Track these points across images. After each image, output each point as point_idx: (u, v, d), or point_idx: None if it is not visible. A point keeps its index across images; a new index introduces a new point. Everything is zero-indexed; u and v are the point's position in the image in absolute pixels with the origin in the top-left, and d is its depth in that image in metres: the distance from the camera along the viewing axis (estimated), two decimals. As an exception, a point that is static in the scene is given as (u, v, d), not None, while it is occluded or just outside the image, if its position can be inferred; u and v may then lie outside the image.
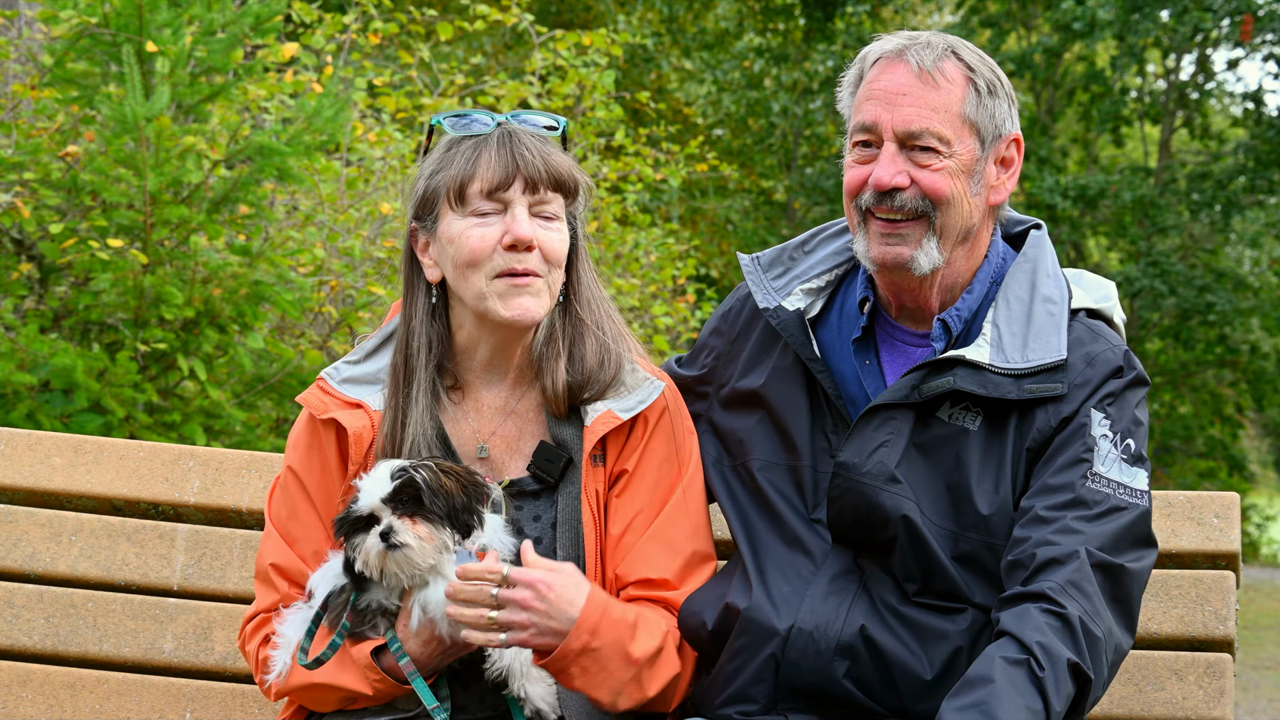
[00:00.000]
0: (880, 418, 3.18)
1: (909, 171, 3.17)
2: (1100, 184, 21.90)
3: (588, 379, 3.27)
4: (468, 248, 3.17)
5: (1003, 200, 3.28)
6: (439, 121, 3.26)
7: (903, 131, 3.17)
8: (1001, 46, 23.15)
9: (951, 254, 3.22)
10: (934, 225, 3.18)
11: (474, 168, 3.17)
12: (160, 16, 6.64)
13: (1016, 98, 3.30)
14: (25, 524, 3.82)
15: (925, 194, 3.16)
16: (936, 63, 3.17)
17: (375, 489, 3.05)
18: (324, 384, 3.31)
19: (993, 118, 3.20)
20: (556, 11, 20.95)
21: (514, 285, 3.18)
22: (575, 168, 3.26)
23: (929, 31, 3.26)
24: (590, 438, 3.24)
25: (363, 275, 7.89)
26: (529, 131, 3.23)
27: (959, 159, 3.17)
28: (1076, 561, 2.98)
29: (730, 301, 3.54)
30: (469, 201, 3.18)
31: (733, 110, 23.05)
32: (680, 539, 3.30)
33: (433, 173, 3.23)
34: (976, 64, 3.20)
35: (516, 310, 3.19)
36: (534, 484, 3.28)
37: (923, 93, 3.16)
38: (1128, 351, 3.22)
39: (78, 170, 6.78)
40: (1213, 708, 3.39)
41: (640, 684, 3.15)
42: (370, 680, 3.12)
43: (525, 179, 3.17)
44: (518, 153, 3.18)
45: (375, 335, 3.38)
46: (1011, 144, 3.25)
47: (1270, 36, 22.51)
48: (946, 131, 3.16)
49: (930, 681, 3.10)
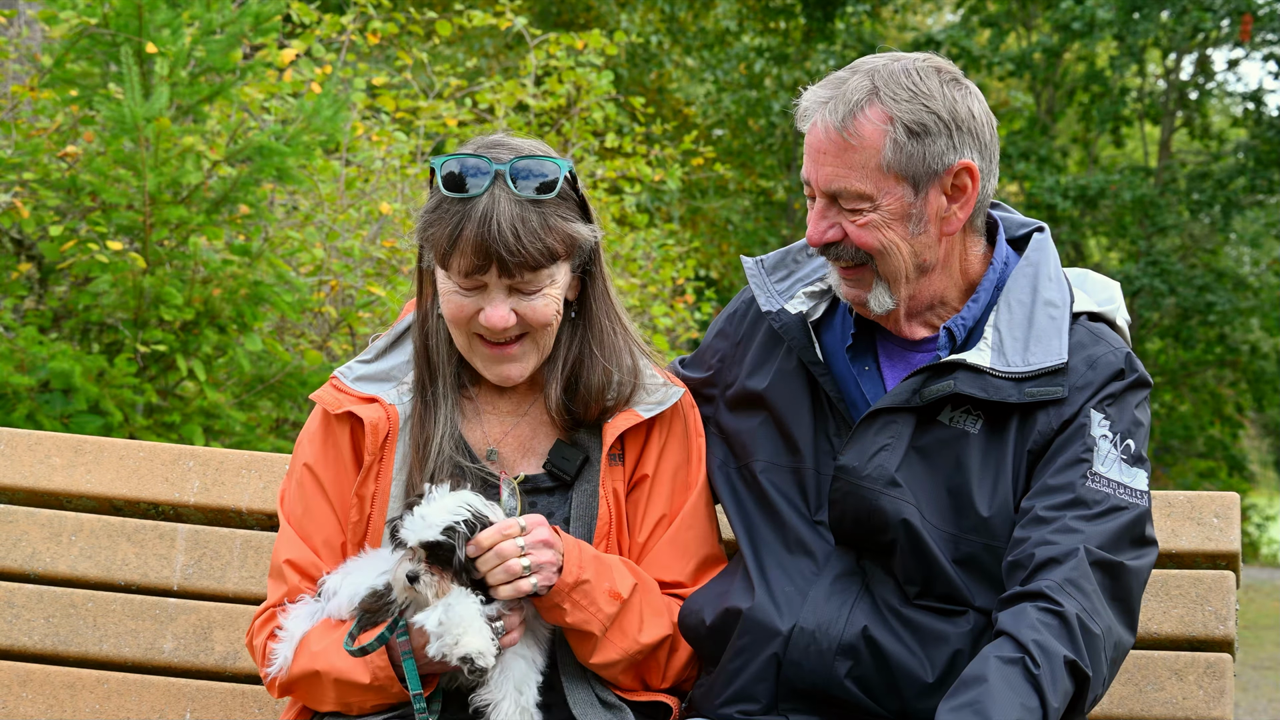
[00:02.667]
0: (881, 421, 3.19)
1: (840, 223, 3.17)
2: (1100, 184, 21.92)
3: (588, 406, 3.30)
4: (449, 310, 3.22)
5: (957, 228, 3.21)
6: (435, 168, 3.20)
7: (826, 190, 3.16)
8: (1001, 46, 23.16)
9: (915, 287, 3.22)
10: (876, 272, 3.18)
11: (454, 244, 3.14)
12: (159, 17, 6.64)
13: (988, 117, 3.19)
14: (25, 524, 3.83)
15: (856, 246, 3.17)
16: (850, 118, 3.10)
17: (424, 527, 3.06)
18: (338, 382, 3.34)
19: (923, 160, 3.12)
20: (557, 12, 20.95)
21: (492, 354, 3.23)
22: (566, 233, 3.18)
23: (865, 66, 3.18)
24: (610, 433, 3.28)
25: (362, 275, 7.89)
26: (518, 199, 3.13)
27: (886, 210, 3.14)
28: (1075, 560, 2.98)
29: (735, 304, 3.54)
30: (451, 272, 3.19)
31: (733, 110, 23.05)
32: (694, 542, 3.36)
33: (426, 224, 3.21)
34: (903, 106, 3.11)
35: (498, 377, 3.27)
36: (549, 481, 3.31)
37: (838, 152, 3.13)
38: (1130, 354, 3.21)
39: (77, 171, 6.78)
40: (1213, 708, 3.39)
41: (623, 629, 3.19)
42: (371, 667, 3.12)
43: (500, 267, 3.13)
44: (493, 238, 3.10)
45: (387, 334, 3.41)
46: (960, 173, 3.16)
47: (1270, 36, 22.53)
48: (865, 188, 3.12)
49: (931, 683, 3.10)
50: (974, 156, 3.16)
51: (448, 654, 3.03)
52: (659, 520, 3.34)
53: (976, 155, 3.17)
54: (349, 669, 3.14)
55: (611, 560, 3.22)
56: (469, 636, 3.03)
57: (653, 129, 12.14)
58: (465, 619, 3.04)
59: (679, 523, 3.34)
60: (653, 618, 3.26)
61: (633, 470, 3.34)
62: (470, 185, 3.15)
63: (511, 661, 3.14)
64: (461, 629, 3.03)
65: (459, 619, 3.04)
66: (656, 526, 3.33)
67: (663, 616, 3.29)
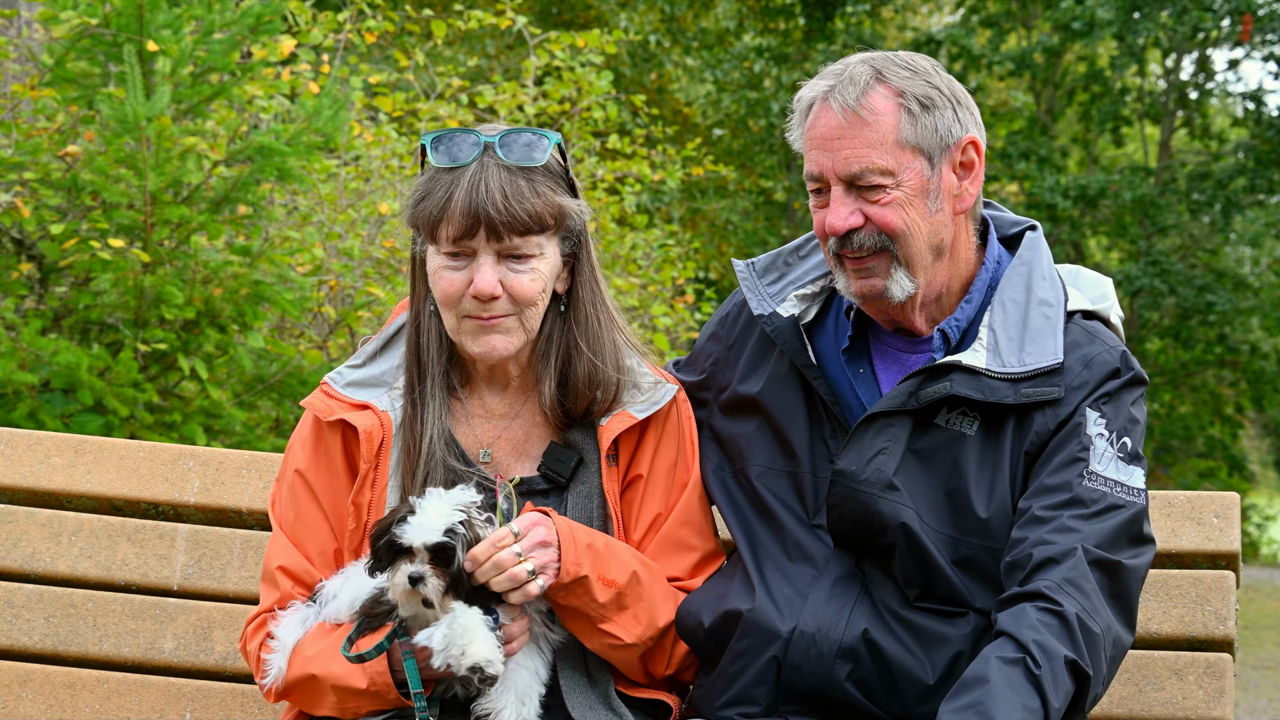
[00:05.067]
0: (878, 424, 3.18)
1: (861, 209, 3.17)
2: (1100, 184, 21.90)
3: (577, 399, 3.30)
4: (440, 289, 3.23)
5: (970, 205, 3.24)
6: (426, 143, 3.24)
7: (845, 174, 3.16)
8: (1001, 46, 23.15)
9: (930, 273, 3.22)
10: (897, 257, 3.18)
11: (443, 211, 3.18)
12: (160, 17, 6.64)
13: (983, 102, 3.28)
14: (25, 524, 3.83)
15: (880, 229, 3.17)
16: (861, 98, 3.14)
17: (424, 532, 3.05)
18: (328, 388, 3.33)
19: (935, 132, 3.16)
20: (557, 11, 20.95)
21: (481, 326, 3.22)
22: (554, 202, 3.21)
23: (857, 57, 3.22)
24: (606, 437, 3.28)
25: (361, 275, 7.89)
26: (508, 165, 3.18)
27: (908, 186, 3.15)
28: (1073, 559, 2.98)
29: (727, 306, 3.53)
30: (440, 243, 3.21)
31: (733, 110, 23.04)
32: (691, 537, 3.37)
33: (416, 200, 3.24)
34: (907, 82, 3.16)
35: (484, 347, 3.24)
36: (543, 483, 3.31)
37: (855, 133, 3.14)
38: (1125, 352, 3.21)
39: (78, 170, 6.78)
40: (1213, 708, 3.39)
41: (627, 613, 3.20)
42: (369, 672, 3.12)
43: (488, 230, 3.16)
44: (482, 200, 3.15)
45: (376, 339, 3.40)
46: (967, 147, 3.21)
47: (1270, 36, 22.52)
48: (887, 163, 3.14)
49: (932, 685, 3.10)
50: (976, 132, 3.22)
51: (455, 664, 3.03)
52: (654, 519, 3.34)
53: (976, 130, 3.22)
54: (346, 674, 3.13)
55: (604, 545, 3.20)
56: (475, 645, 3.03)
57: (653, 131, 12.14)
58: (469, 629, 3.04)
59: (674, 519, 3.34)
60: (661, 602, 3.27)
61: (626, 469, 3.34)
62: (460, 155, 3.19)
63: (514, 672, 3.14)
64: (467, 639, 3.03)
65: (463, 630, 3.04)
66: (652, 525, 3.34)
67: (669, 601, 3.30)
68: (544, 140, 3.23)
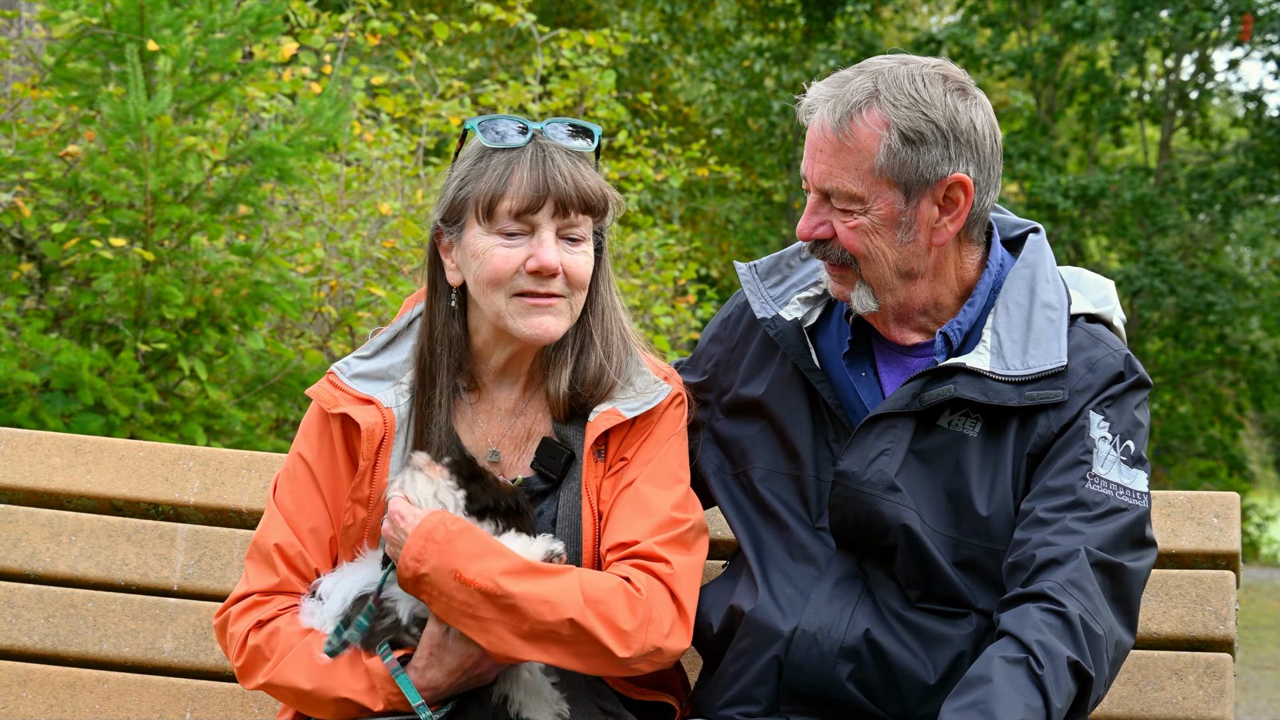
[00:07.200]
0: (881, 426, 3.18)
1: (831, 222, 3.16)
2: (1100, 184, 21.90)
3: (585, 390, 3.27)
4: (491, 266, 3.16)
5: (947, 241, 3.19)
6: (472, 127, 3.21)
7: (820, 187, 3.16)
8: (1002, 46, 23.15)
9: (901, 294, 3.21)
10: (861, 275, 3.18)
11: (505, 185, 3.13)
12: (161, 17, 6.64)
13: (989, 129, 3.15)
14: (25, 524, 3.83)
15: (843, 248, 3.16)
16: (845, 121, 3.10)
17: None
18: (334, 378, 3.30)
19: (916, 168, 3.10)
20: (558, 11, 20.96)
21: (534, 305, 3.17)
22: (605, 186, 3.22)
23: (872, 66, 3.16)
24: (591, 433, 3.23)
25: (362, 275, 7.89)
26: (562, 148, 3.18)
27: (876, 214, 3.12)
28: (1076, 561, 2.98)
29: (729, 308, 3.53)
30: (497, 220, 3.15)
31: (733, 110, 23.04)
32: (657, 503, 3.20)
33: (463, 181, 3.19)
34: (901, 112, 3.08)
35: (536, 329, 3.18)
36: (541, 483, 3.28)
37: (834, 151, 3.12)
38: (1129, 355, 3.21)
39: (78, 170, 6.79)
40: (1213, 708, 3.39)
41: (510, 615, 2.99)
42: (384, 693, 3.09)
43: (556, 202, 3.13)
44: (550, 174, 3.13)
45: (386, 330, 3.37)
46: (953, 186, 3.13)
47: (1270, 36, 22.53)
48: (857, 189, 3.11)
49: (933, 686, 3.10)
50: (970, 169, 3.13)
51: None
52: (623, 489, 3.23)
53: (974, 168, 3.14)
54: (358, 693, 3.10)
55: (473, 545, 3.02)
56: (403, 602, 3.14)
57: (656, 132, 12.14)
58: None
59: (641, 484, 3.20)
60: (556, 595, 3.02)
61: (612, 458, 3.27)
62: (512, 138, 3.17)
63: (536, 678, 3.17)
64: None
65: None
66: (622, 491, 3.23)
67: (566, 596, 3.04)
68: (591, 129, 3.23)
